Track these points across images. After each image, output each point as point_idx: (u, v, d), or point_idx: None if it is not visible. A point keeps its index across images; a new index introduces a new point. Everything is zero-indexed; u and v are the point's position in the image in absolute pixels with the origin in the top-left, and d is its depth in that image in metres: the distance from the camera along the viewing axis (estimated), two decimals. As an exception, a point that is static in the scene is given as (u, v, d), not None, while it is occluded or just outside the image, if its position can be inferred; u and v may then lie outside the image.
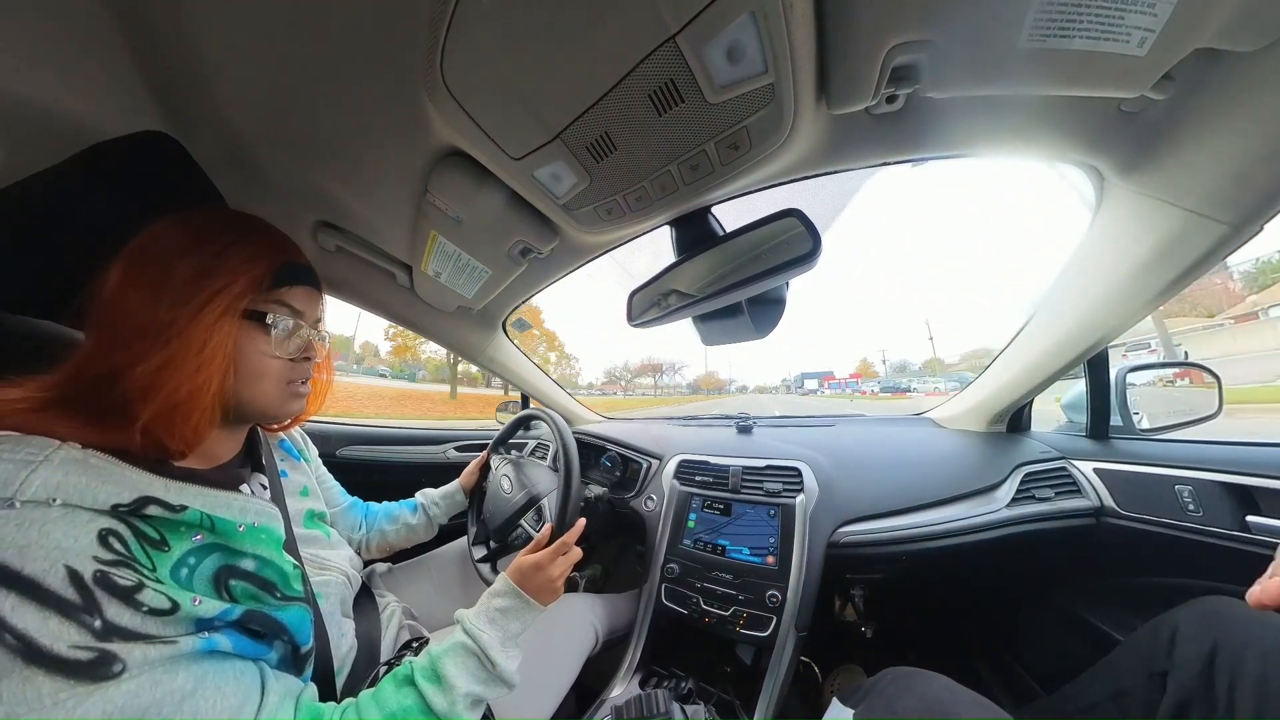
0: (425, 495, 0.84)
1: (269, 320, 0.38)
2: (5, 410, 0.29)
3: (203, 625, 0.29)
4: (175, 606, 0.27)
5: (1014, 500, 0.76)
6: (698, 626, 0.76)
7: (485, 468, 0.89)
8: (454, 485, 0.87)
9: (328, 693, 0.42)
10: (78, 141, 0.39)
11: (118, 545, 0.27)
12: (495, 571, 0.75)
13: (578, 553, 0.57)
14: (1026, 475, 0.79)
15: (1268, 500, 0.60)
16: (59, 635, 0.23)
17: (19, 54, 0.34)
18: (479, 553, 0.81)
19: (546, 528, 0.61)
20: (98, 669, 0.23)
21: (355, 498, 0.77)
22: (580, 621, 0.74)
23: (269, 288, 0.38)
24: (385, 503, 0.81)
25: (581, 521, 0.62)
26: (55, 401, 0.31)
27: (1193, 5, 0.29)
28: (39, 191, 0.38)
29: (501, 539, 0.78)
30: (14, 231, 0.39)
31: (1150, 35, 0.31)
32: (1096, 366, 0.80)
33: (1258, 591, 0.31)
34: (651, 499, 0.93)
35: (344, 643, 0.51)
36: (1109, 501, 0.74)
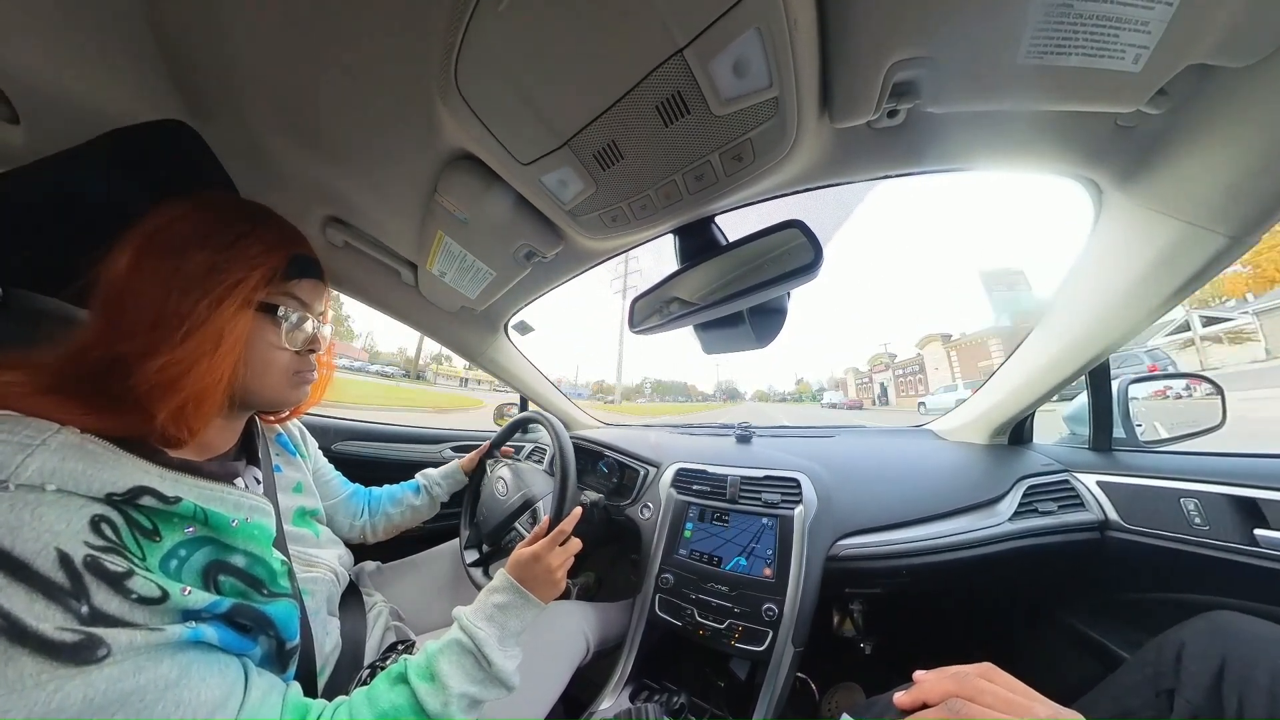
0: (426, 476, 0.85)
1: (280, 313, 0.39)
2: (6, 393, 0.29)
3: (190, 616, 0.29)
4: (165, 595, 0.27)
5: (1016, 514, 0.75)
6: (692, 639, 0.75)
7: (481, 472, 0.89)
8: (454, 464, 0.88)
9: (309, 693, 0.41)
10: (99, 125, 0.39)
11: (109, 532, 0.27)
12: (488, 576, 0.74)
13: (576, 544, 0.56)
14: (1029, 488, 0.78)
15: (1276, 513, 0.59)
16: (45, 617, 0.23)
17: (48, 37, 0.35)
18: (471, 556, 0.80)
19: (544, 520, 0.60)
20: (81, 652, 0.23)
21: (357, 485, 0.78)
22: (571, 629, 0.72)
23: (280, 280, 0.38)
24: (387, 486, 0.82)
25: (578, 510, 0.61)
26: (56, 386, 0.31)
27: (1186, 23, 0.30)
28: (58, 171, 0.39)
29: (495, 542, 0.78)
30: (29, 208, 0.40)
31: (1145, 52, 0.32)
32: (1098, 378, 0.80)
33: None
34: (648, 507, 0.92)
35: (328, 641, 0.50)
36: (1113, 515, 0.73)
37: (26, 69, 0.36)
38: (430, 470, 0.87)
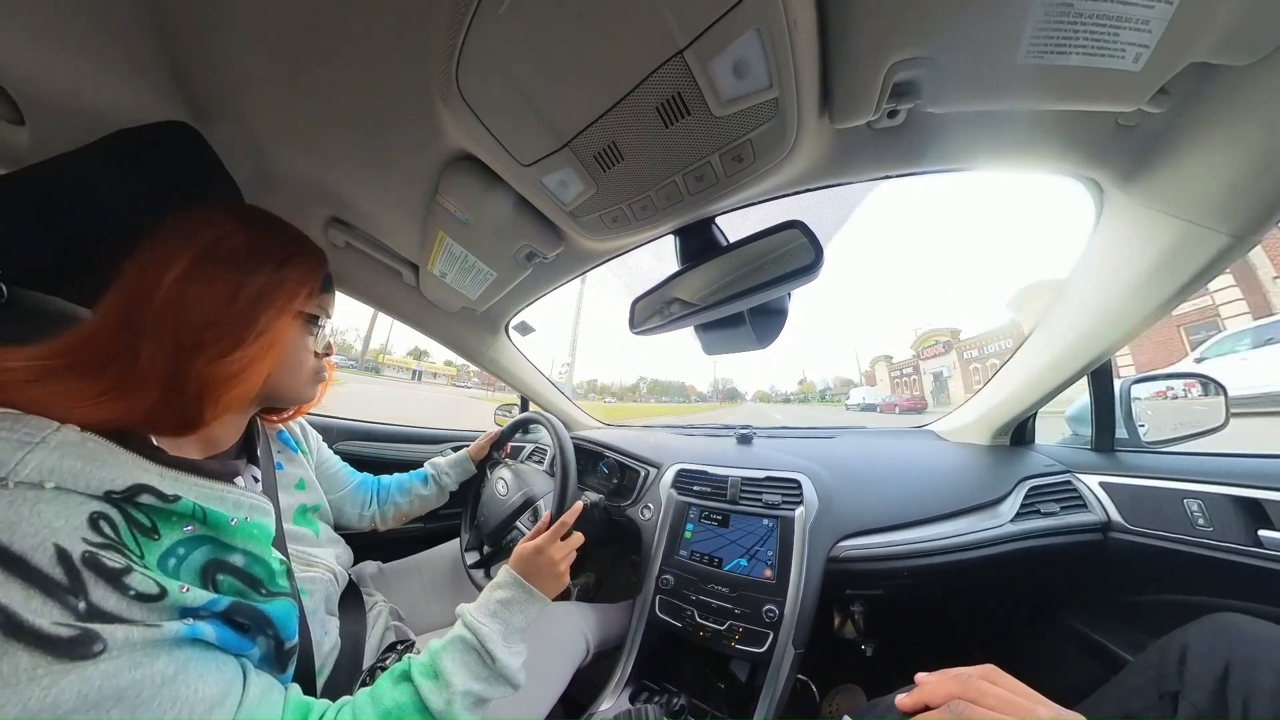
0: (434, 466, 0.86)
1: (320, 323, 0.45)
2: (9, 380, 0.29)
3: (187, 613, 0.29)
4: (163, 592, 0.27)
5: (1018, 515, 0.75)
6: (692, 640, 0.75)
7: (481, 476, 0.89)
8: (462, 453, 0.88)
9: (308, 693, 0.41)
10: (103, 126, 0.40)
11: (108, 529, 0.27)
12: (489, 577, 0.74)
13: (578, 537, 0.56)
14: (1031, 489, 0.78)
15: None
16: (41, 612, 0.23)
17: (53, 39, 0.35)
18: (472, 559, 0.80)
19: (546, 514, 0.60)
20: (78, 647, 0.23)
21: (365, 474, 0.78)
22: (571, 630, 0.72)
23: (316, 294, 0.44)
24: (396, 475, 0.83)
25: (580, 504, 0.61)
26: (58, 370, 0.31)
27: (1186, 22, 0.30)
28: (61, 172, 0.39)
29: (496, 542, 0.78)
30: (35, 209, 0.40)
31: (1145, 51, 0.32)
32: (1100, 378, 0.80)
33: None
34: (648, 508, 0.92)
35: (327, 641, 0.50)
36: (1116, 516, 0.73)
37: (31, 71, 0.37)
38: (438, 459, 0.87)
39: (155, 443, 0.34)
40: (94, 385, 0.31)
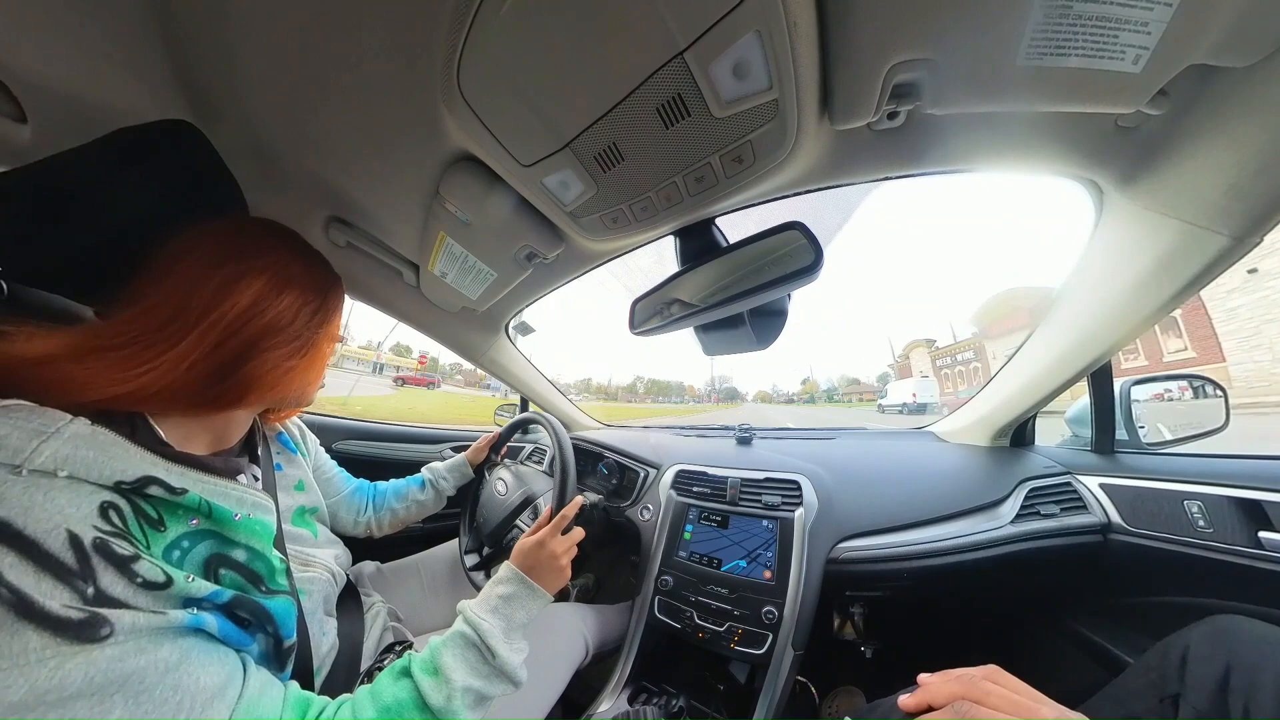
0: (431, 470, 0.86)
1: (344, 338, 0.51)
2: (52, 354, 0.30)
3: (191, 603, 0.29)
4: (169, 581, 0.28)
5: (1018, 516, 0.75)
6: (691, 642, 0.74)
7: (479, 478, 0.89)
8: (460, 458, 0.88)
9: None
10: (105, 124, 0.40)
11: (116, 519, 0.27)
12: (489, 579, 0.74)
13: (579, 531, 0.56)
14: (1031, 491, 0.78)
15: (1280, 516, 0.59)
16: (52, 595, 0.23)
17: (56, 37, 0.35)
18: (471, 560, 0.80)
19: (546, 509, 0.60)
20: (85, 630, 0.23)
21: (361, 480, 0.78)
22: (570, 631, 0.72)
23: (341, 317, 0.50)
24: (392, 480, 0.83)
25: (580, 498, 0.61)
26: (98, 350, 0.32)
27: (1186, 24, 0.30)
28: (62, 169, 0.39)
29: (496, 542, 0.78)
30: (35, 206, 0.40)
31: (1144, 53, 0.32)
32: (1100, 380, 0.80)
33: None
34: (648, 509, 0.92)
35: (325, 641, 0.50)
36: (1116, 518, 0.73)
37: (34, 68, 0.37)
38: (436, 464, 0.87)
39: (163, 438, 0.34)
40: (127, 365, 0.32)
